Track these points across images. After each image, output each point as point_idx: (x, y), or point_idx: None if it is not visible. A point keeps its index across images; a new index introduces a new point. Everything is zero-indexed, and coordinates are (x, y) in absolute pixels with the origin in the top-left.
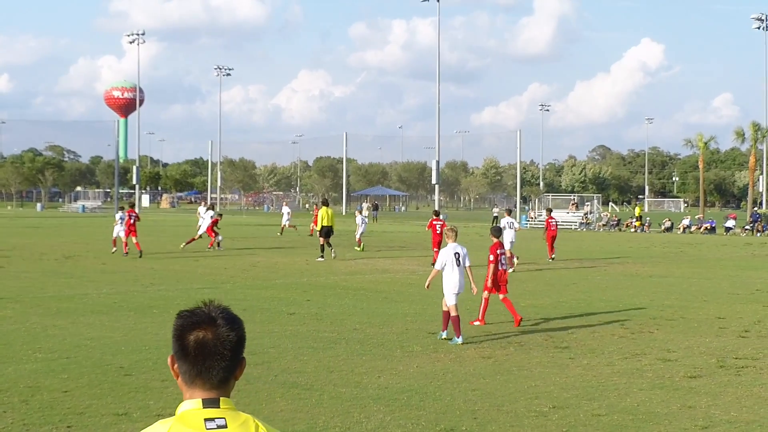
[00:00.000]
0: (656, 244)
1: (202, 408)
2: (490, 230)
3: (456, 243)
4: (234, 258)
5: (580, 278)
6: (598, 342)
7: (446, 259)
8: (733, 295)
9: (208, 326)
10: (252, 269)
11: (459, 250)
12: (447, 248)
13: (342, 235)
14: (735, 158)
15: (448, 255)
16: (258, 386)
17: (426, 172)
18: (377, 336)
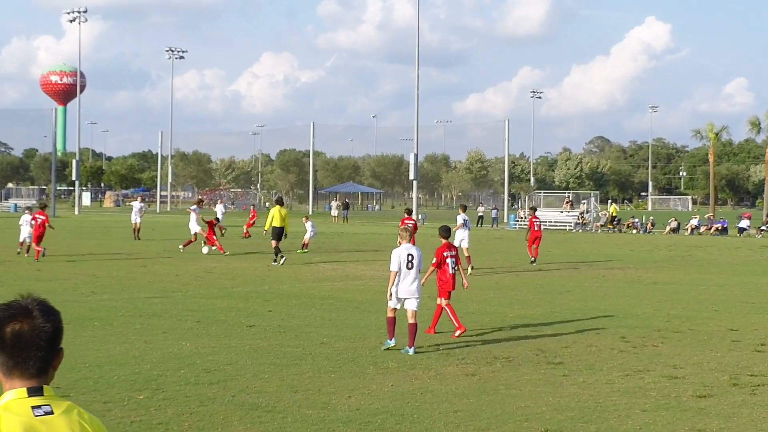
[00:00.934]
0: (661, 247)
1: (27, 396)
2: (439, 230)
3: (410, 244)
4: (186, 263)
5: (575, 285)
6: (596, 357)
7: (399, 261)
8: (748, 304)
9: (24, 318)
10: (207, 276)
11: (413, 252)
12: (400, 249)
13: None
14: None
15: (401, 256)
16: (213, 408)
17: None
18: (348, 351)
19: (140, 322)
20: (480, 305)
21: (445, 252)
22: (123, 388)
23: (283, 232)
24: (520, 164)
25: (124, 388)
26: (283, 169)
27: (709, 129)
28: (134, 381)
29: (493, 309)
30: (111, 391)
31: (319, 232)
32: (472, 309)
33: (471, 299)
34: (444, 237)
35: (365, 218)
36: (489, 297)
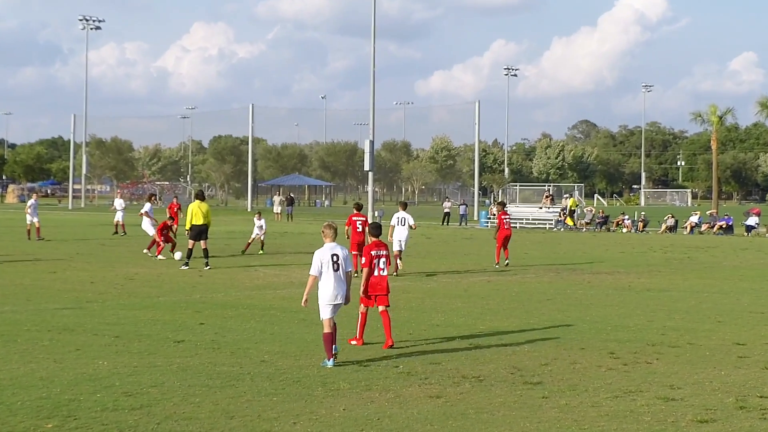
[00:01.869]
0: (656, 248)
1: None
2: (368, 227)
3: (335, 243)
4: (104, 268)
5: (557, 293)
6: (580, 376)
7: (321, 263)
8: (757, 314)
9: None
10: (128, 283)
11: (338, 251)
12: (323, 249)
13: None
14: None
15: (324, 257)
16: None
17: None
18: (292, 370)
19: (49, 338)
20: (446, 316)
21: (374, 251)
22: (28, 415)
23: (203, 231)
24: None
25: (29, 415)
26: (218, 159)
27: (712, 112)
28: (42, 407)
29: (461, 321)
30: (14, 420)
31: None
32: (437, 320)
33: (436, 309)
34: (374, 235)
35: (313, 215)
36: (457, 307)
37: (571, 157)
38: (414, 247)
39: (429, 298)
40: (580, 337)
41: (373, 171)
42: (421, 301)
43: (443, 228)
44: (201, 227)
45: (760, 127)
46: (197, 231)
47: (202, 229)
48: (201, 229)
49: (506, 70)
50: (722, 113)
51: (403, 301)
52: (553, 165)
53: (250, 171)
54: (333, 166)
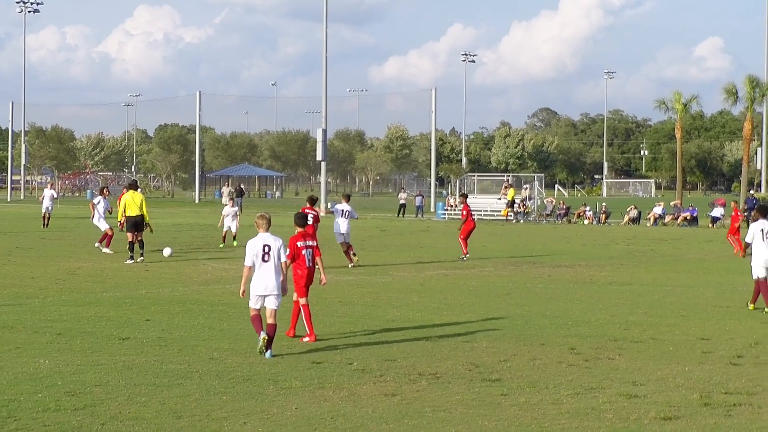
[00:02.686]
0: (618, 241)
1: None
2: (294, 217)
3: (268, 233)
4: (45, 263)
5: (516, 286)
6: (540, 372)
7: (253, 253)
8: (721, 308)
9: None
10: (70, 278)
11: (270, 242)
12: (255, 240)
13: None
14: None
15: (255, 248)
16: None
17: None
18: (242, 367)
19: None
20: (402, 311)
21: (300, 242)
22: None
23: (139, 223)
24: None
25: None
26: (163, 148)
27: (676, 99)
28: None
29: (418, 316)
30: None
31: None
32: (392, 316)
33: (391, 304)
34: (299, 225)
35: (263, 207)
36: (413, 301)
37: (530, 147)
38: (369, 239)
39: (384, 292)
40: (540, 333)
41: (325, 161)
42: (376, 296)
43: (399, 220)
44: (136, 218)
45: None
46: (132, 222)
47: (137, 221)
48: (136, 220)
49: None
50: (687, 101)
51: (358, 296)
52: (512, 154)
53: (197, 161)
54: (284, 155)
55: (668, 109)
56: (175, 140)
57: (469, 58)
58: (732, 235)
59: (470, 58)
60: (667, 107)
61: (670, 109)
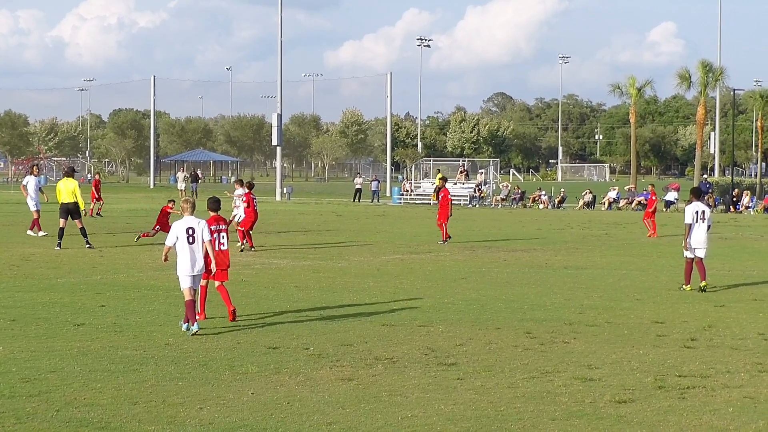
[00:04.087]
0: (573, 225)
1: None
2: (207, 201)
3: (192, 216)
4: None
5: (471, 271)
6: (496, 356)
7: (177, 235)
8: (675, 291)
9: None
10: (24, 264)
11: (194, 225)
12: (180, 222)
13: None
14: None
15: (179, 230)
16: (33, 425)
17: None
18: (198, 353)
19: None
20: (357, 296)
21: (213, 226)
22: None
23: (72, 210)
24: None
25: None
26: (118, 134)
27: (630, 84)
28: None
29: (374, 300)
30: None
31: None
32: (348, 301)
33: (347, 289)
34: (212, 210)
35: (219, 192)
36: (368, 286)
37: (486, 131)
38: (325, 225)
39: (340, 277)
40: (496, 317)
41: (281, 146)
42: (332, 281)
43: (354, 205)
44: (68, 205)
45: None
46: (64, 209)
47: (69, 208)
48: (68, 207)
49: (419, 40)
50: (641, 85)
51: (314, 281)
52: (467, 139)
53: (152, 146)
54: (239, 140)
55: (622, 93)
56: (129, 125)
57: (425, 43)
58: (647, 218)
59: (425, 43)
60: (621, 92)
61: (624, 94)
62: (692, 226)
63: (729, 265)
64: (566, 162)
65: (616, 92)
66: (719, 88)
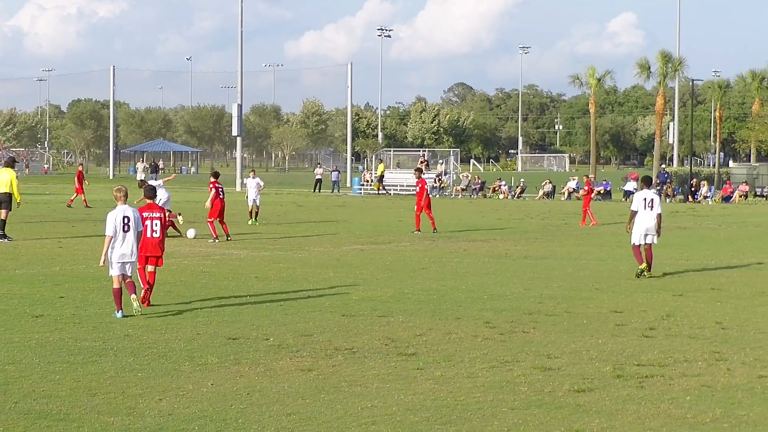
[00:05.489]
0: (533, 215)
1: None
2: (144, 190)
3: (126, 205)
4: None
5: (431, 261)
6: (456, 346)
7: (115, 224)
8: (634, 281)
9: None
10: None
11: (129, 213)
12: (115, 211)
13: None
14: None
15: (117, 219)
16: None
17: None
18: (158, 344)
19: None
20: (317, 286)
21: (146, 213)
22: None
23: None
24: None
25: None
26: (77, 124)
27: (590, 74)
28: None
29: (334, 291)
30: None
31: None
32: (308, 291)
33: (307, 280)
34: (148, 197)
35: (179, 183)
36: (328, 276)
37: (446, 122)
38: (285, 215)
39: (300, 268)
40: (456, 307)
41: (241, 136)
42: (292, 272)
43: (315, 195)
44: (1, 196)
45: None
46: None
47: (2, 198)
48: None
49: (380, 30)
50: (600, 76)
51: (274, 272)
52: (428, 129)
53: (111, 136)
54: (199, 131)
55: (582, 84)
56: (88, 115)
57: (385, 33)
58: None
59: (386, 33)
60: (581, 82)
61: (584, 84)
62: (637, 213)
63: (687, 255)
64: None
65: (576, 83)
66: (678, 78)
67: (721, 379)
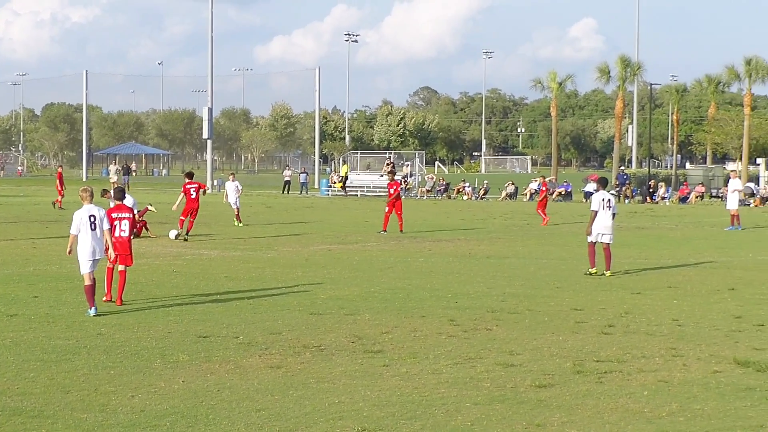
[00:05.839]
0: (496, 215)
1: None
2: (113, 191)
3: (92, 204)
4: None
5: (397, 261)
6: (421, 344)
7: (80, 223)
8: (594, 280)
9: None
10: None
11: (95, 212)
12: (81, 210)
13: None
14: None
15: (82, 217)
16: None
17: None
18: (130, 342)
19: None
20: (286, 285)
21: (115, 214)
22: None
23: None
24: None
25: None
26: (51, 127)
27: (552, 78)
28: None
29: (302, 289)
30: None
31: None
32: (277, 290)
33: (276, 279)
34: (117, 199)
35: (150, 184)
36: (297, 276)
37: (412, 125)
38: (255, 216)
39: (269, 267)
40: (421, 305)
41: (211, 139)
42: (262, 271)
43: (284, 196)
44: None
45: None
46: None
47: None
48: None
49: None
50: (562, 80)
51: (243, 271)
52: (394, 132)
53: (84, 139)
54: (170, 134)
55: (544, 88)
56: (62, 119)
57: (352, 38)
58: (540, 208)
59: (353, 38)
60: (542, 86)
61: (545, 88)
62: (598, 213)
63: (645, 254)
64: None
65: (538, 87)
66: (637, 82)
67: (677, 375)
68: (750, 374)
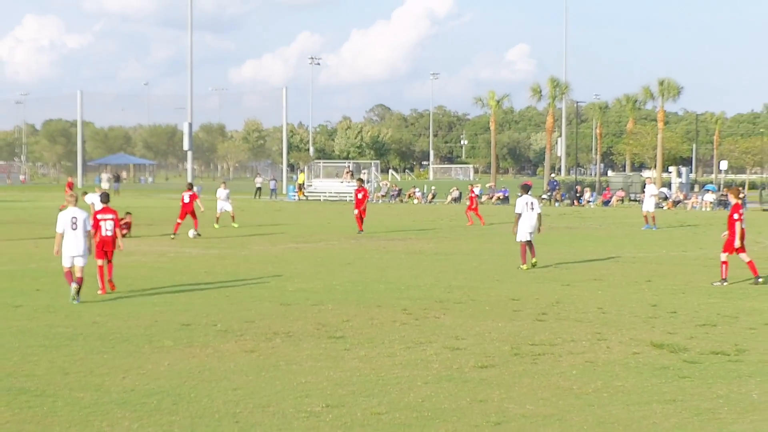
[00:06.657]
0: (443, 217)
1: None
2: (99, 196)
3: (76, 207)
4: None
5: (356, 257)
6: (377, 330)
7: (65, 224)
8: (529, 273)
9: None
10: None
11: (77, 215)
12: (65, 212)
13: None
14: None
15: (66, 219)
16: None
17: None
18: (121, 330)
19: None
20: (259, 280)
21: (100, 215)
22: None
23: None
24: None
25: None
26: (50, 140)
27: (491, 96)
28: None
29: (272, 283)
30: None
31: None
32: (251, 283)
33: (249, 273)
34: (103, 202)
35: (137, 191)
36: (268, 271)
37: (368, 138)
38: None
39: (243, 264)
40: (377, 296)
41: (191, 150)
42: (237, 267)
43: (255, 201)
44: None
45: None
46: None
47: None
48: None
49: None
50: (500, 98)
51: (220, 267)
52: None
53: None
54: (155, 146)
55: (484, 105)
56: (59, 133)
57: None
58: (469, 211)
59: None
60: (483, 103)
61: (485, 105)
62: (522, 215)
63: (574, 251)
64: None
65: (479, 104)
66: (565, 100)
67: (601, 356)
68: (665, 355)
